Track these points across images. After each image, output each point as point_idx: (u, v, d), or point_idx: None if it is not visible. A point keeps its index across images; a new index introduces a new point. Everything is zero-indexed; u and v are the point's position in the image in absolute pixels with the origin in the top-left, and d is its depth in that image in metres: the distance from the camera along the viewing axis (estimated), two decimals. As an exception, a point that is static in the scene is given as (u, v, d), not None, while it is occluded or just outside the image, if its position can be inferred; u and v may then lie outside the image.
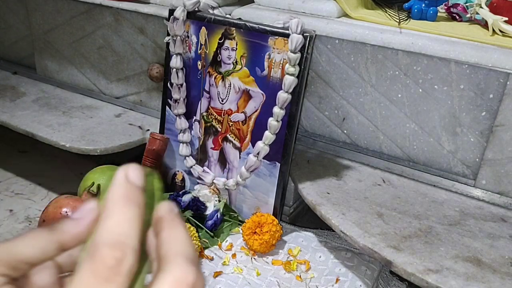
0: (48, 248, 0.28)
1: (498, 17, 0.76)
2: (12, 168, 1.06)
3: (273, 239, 0.73)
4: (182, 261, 0.24)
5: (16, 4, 1.18)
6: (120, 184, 0.26)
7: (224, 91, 0.80)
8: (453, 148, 0.77)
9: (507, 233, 0.67)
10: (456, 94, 0.74)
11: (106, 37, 1.04)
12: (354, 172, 0.82)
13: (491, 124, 0.72)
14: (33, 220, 0.89)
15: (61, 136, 0.93)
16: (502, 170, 0.73)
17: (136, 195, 0.25)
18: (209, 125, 0.83)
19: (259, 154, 0.76)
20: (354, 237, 0.65)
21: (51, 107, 1.06)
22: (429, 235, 0.66)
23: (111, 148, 0.91)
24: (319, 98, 0.86)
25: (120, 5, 0.98)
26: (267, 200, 0.78)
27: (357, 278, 0.70)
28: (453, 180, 0.78)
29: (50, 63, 1.17)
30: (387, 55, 0.77)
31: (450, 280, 0.57)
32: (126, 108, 1.07)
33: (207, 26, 0.78)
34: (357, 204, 0.73)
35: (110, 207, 0.24)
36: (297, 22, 0.69)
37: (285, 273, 0.71)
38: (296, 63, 0.70)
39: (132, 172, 0.26)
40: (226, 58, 0.78)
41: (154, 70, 0.96)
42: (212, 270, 0.70)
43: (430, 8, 0.84)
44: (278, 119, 0.74)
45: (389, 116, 0.81)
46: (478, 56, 0.70)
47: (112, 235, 0.23)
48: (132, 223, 0.24)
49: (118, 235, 0.23)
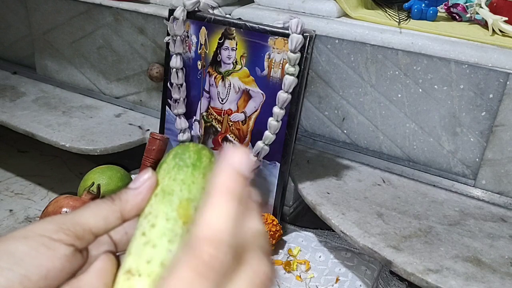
0: (110, 217, 0.29)
1: (498, 17, 0.76)
2: (12, 168, 1.06)
3: (273, 239, 0.73)
4: (259, 255, 0.24)
5: (16, 4, 1.18)
6: (227, 174, 0.24)
7: (224, 91, 0.80)
8: (453, 148, 0.77)
9: (507, 233, 0.67)
10: (456, 94, 0.74)
11: (106, 37, 1.04)
12: (354, 172, 0.82)
13: (491, 124, 0.72)
14: (33, 220, 0.89)
15: (61, 136, 0.93)
16: (502, 170, 0.73)
17: (241, 190, 0.24)
18: (209, 125, 0.83)
19: (259, 154, 0.76)
20: (354, 237, 0.65)
21: (51, 107, 1.06)
22: (429, 235, 0.66)
23: (111, 148, 0.91)
24: (319, 98, 0.86)
25: (120, 5, 0.98)
26: (267, 200, 0.78)
27: (357, 278, 0.70)
28: (453, 180, 0.78)
29: (50, 63, 1.17)
30: (387, 55, 0.77)
31: (450, 280, 0.57)
32: (126, 108, 1.07)
33: (207, 26, 0.78)
34: (357, 204, 0.73)
35: (214, 199, 0.24)
36: (297, 22, 0.69)
37: (285, 273, 0.71)
38: (296, 63, 0.70)
39: (241, 161, 0.25)
40: (226, 58, 0.78)
41: (154, 70, 0.96)
42: (212, 270, 0.70)
43: (430, 8, 0.84)
44: (278, 119, 0.74)
45: (389, 116, 0.81)
46: (478, 56, 0.70)
47: (213, 231, 0.23)
48: (233, 219, 0.23)
49: (219, 232, 0.23)
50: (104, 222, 0.29)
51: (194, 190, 0.30)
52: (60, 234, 0.27)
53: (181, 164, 0.31)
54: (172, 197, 0.29)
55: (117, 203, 0.30)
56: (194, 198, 0.30)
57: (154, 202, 0.30)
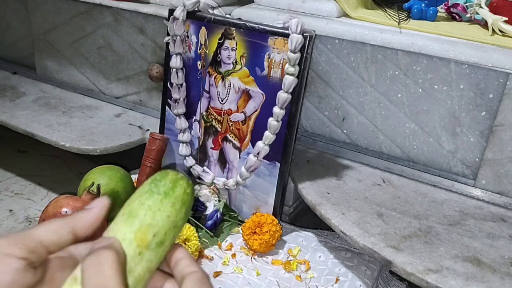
0: (62, 231, 0.30)
1: (498, 17, 0.76)
2: (12, 168, 1.06)
3: (273, 239, 0.73)
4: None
5: (16, 4, 1.18)
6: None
7: (224, 91, 0.80)
8: (453, 148, 0.77)
9: (507, 233, 0.67)
10: (456, 94, 0.74)
11: (106, 37, 1.04)
12: (354, 172, 0.82)
13: (491, 124, 0.72)
14: (33, 220, 0.89)
15: (61, 136, 0.93)
16: (502, 170, 0.73)
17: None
18: (209, 125, 0.83)
19: (259, 154, 0.76)
20: (354, 237, 0.65)
21: (51, 107, 1.06)
22: (429, 235, 0.66)
23: (111, 148, 0.91)
24: (319, 98, 0.86)
25: (120, 5, 0.98)
26: (267, 200, 0.78)
27: (357, 278, 0.70)
28: (453, 180, 0.78)
29: (50, 63, 1.17)
30: (387, 55, 0.77)
31: (450, 280, 0.57)
32: (126, 108, 1.07)
33: (207, 26, 0.78)
34: (357, 204, 0.73)
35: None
36: (297, 22, 0.69)
37: (285, 273, 0.71)
38: (296, 63, 0.70)
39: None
40: (226, 58, 0.78)
41: (154, 70, 0.96)
42: (212, 270, 0.70)
43: (430, 8, 0.84)
44: (278, 119, 0.74)
45: (389, 116, 0.81)
46: (478, 56, 0.70)
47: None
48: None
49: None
50: (56, 237, 0.30)
51: (158, 217, 0.32)
52: (12, 248, 0.28)
53: (154, 190, 0.33)
54: (134, 220, 0.31)
55: (69, 219, 0.31)
56: (155, 225, 0.31)
57: (119, 221, 0.32)
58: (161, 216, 0.32)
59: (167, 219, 0.32)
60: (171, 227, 0.32)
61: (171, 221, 0.32)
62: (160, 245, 0.32)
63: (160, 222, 0.32)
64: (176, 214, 0.33)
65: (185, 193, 0.34)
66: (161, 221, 0.32)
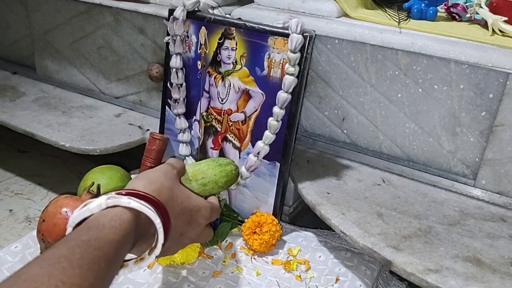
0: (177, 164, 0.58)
1: (498, 17, 0.76)
2: (12, 168, 1.06)
3: (273, 239, 0.73)
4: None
5: (16, 4, 1.18)
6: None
7: (224, 91, 0.80)
8: (453, 148, 0.77)
9: (507, 233, 0.67)
10: (456, 94, 0.74)
11: (106, 37, 1.04)
12: (354, 172, 0.82)
13: (491, 124, 0.72)
14: (33, 220, 0.89)
15: (61, 136, 0.93)
16: (502, 170, 0.73)
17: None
18: (209, 125, 0.83)
19: (259, 154, 0.76)
20: (354, 237, 0.65)
21: (50, 107, 1.06)
22: (428, 235, 0.66)
23: (111, 148, 0.91)
24: (319, 98, 0.86)
25: (120, 5, 0.98)
26: (267, 200, 0.78)
27: (357, 278, 0.70)
28: (453, 180, 0.78)
29: (50, 63, 1.17)
30: (387, 55, 0.77)
31: (450, 280, 0.57)
32: (126, 108, 1.08)
33: (207, 26, 0.78)
34: (357, 204, 0.73)
35: None
36: (297, 22, 0.69)
37: (285, 273, 0.71)
38: (296, 63, 0.70)
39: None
40: (226, 58, 0.78)
41: (154, 70, 0.96)
42: (212, 270, 0.70)
43: (430, 8, 0.84)
44: (278, 119, 0.74)
45: (389, 116, 0.81)
46: (478, 56, 0.70)
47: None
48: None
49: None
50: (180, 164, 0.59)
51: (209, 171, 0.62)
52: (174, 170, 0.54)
53: (216, 160, 0.65)
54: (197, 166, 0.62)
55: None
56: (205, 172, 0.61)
57: (191, 164, 0.63)
58: (211, 172, 0.61)
59: (213, 176, 0.61)
60: (213, 181, 0.61)
61: (215, 179, 0.61)
62: (203, 185, 0.60)
63: (208, 173, 0.61)
64: (220, 177, 0.62)
65: (231, 170, 0.64)
66: (209, 174, 0.61)
